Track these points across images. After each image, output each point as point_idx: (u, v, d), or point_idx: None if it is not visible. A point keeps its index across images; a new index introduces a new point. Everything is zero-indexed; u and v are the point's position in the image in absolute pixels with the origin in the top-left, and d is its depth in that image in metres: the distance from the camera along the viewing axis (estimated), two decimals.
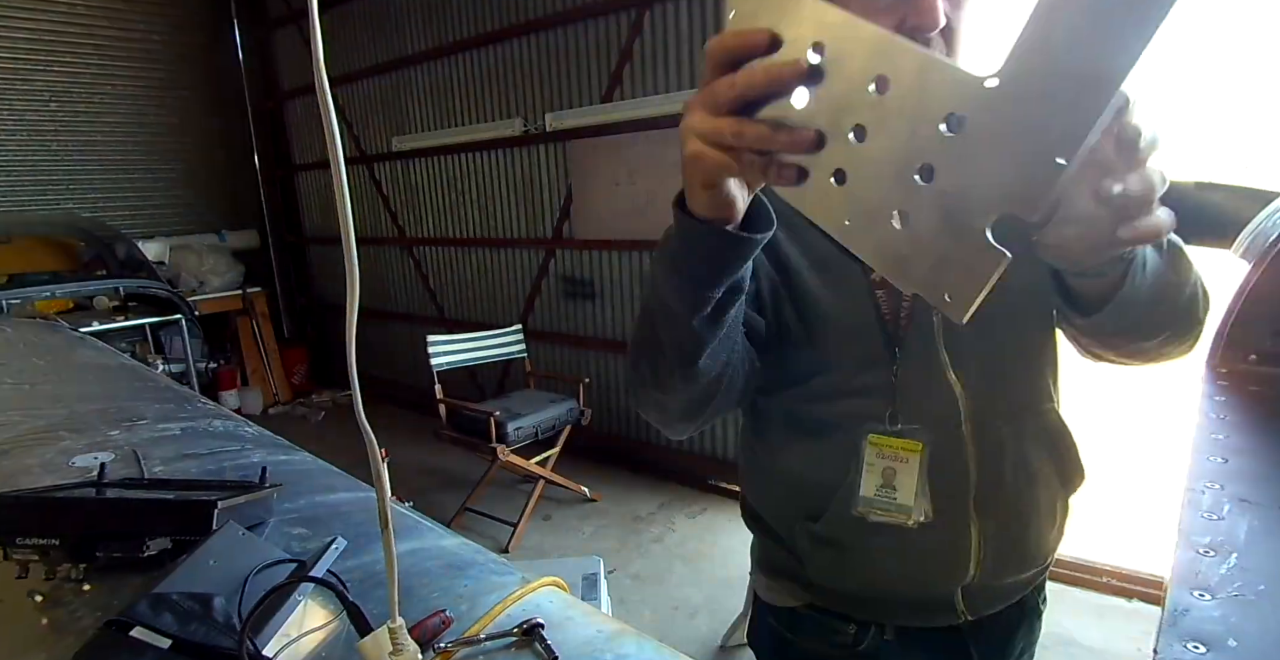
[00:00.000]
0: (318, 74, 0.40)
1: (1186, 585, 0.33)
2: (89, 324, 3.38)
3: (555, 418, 3.40)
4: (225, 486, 0.90)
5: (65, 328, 2.43)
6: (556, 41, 3.75)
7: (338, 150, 0.41)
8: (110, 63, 5.03)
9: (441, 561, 0.78)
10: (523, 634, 0.63)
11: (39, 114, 4.78)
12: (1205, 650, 0.30)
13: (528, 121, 4.01)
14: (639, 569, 2.91)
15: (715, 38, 0.43)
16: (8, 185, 4.71)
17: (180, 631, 0.58)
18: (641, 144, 3.51)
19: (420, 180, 4.79)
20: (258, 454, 1.13)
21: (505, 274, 4.42)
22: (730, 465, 3.57)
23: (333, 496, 0.95)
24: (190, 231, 5.48)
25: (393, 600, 0.55)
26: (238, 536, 0.74)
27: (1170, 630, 0.31)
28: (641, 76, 3.46)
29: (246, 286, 5.29)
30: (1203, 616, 0.31)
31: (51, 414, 1.30)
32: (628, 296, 3.79)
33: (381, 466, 0.53)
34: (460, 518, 3.35)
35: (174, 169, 5.46)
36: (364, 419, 0.50)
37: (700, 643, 2.44)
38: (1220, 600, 0.32)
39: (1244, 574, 0.33)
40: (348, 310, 0.45)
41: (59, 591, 0.71)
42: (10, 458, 1.09)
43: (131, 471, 1.01)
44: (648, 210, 3.56)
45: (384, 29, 4.66)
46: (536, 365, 4.18)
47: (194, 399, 1.55)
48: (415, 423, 4.72)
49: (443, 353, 3.45)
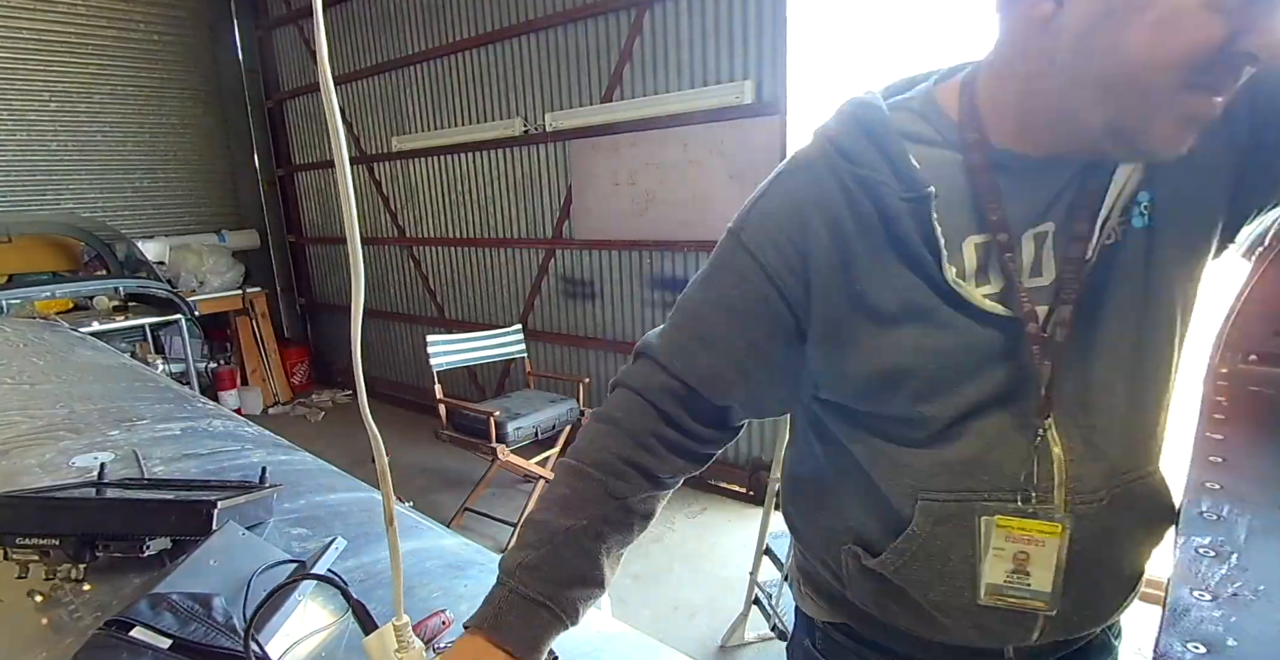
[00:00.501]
0: (323, 77, 0.40)
1: (1186, 585, 0.33)
2: (89, 324, 3.38)
3: (555, 418, 3.40)
4: (225, 486, 0.90)
5: (65, 328, 2.43)
6: (556, 41, 3.75)
7: (342, 150, 0.41)
8: (110, 63, 5.03)
9: (441, 561, 0.78)
10: None
11: (39, 114, 4.78)
12: (1205, 650, 0.29)
13: (528, 121, 4.01)
14: (638, 569, 2.91)
15: None
16: (8, 185, 4.71)
17: (180, 631, 0.58)
18: (641, 144, 3.51)
19: (420, 180, 4.79)
20: (258, 454, 1.13)
21: (505, 274, 4.42)
22: (730, 465, 3.58)
23: (333, 496, 0.95)
24: (190, 231, 5.47)
25: (398, 596, 0.55)
26: (238, 536, 0.74)
27: (1170, 630, 0.31)
28: (641, 76, 3.46)
29: (246, 286, 5.29)
30: (1203, 616, 0.31)
31: (51, 414, 1.30)
32: (628, 296, 3.79)
33: (385, 464, 0.53)
34: (460, 518, 3.35)
35: (174, 169, 5.46)
36: (369, 416, 0.50)
37: (700, 643, 2.44)
38: (1220, 600, 0.32)
39: (1244, 574, 0.33)
40: (352, 308, 0.45)
41: (59, 591, 0.71)
42: (10, 458, 1.09)
43: (131, 471, 1.01)
44: (648, 210, 3.57)
45: (384, 29, 4.65)
46: (536, 365, 4.18)
47: (194, 399, 1.55)
48: (415, 423, 4.72)
49: (443, 353, 3.44)
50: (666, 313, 3.36)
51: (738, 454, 3.55)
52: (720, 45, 3.15)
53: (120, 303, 3.82)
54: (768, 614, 2.21)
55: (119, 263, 4.45)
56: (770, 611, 2.18)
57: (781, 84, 2.98)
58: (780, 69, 2.97)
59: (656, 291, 3.64)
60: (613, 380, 0.77)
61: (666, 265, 3.57)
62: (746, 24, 3.05)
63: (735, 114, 3.14)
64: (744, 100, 3.08)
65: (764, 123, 3.06)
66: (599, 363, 4.02)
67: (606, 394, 0.77)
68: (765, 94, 3.05)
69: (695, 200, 3.37)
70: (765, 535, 2.22)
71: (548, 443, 3.49)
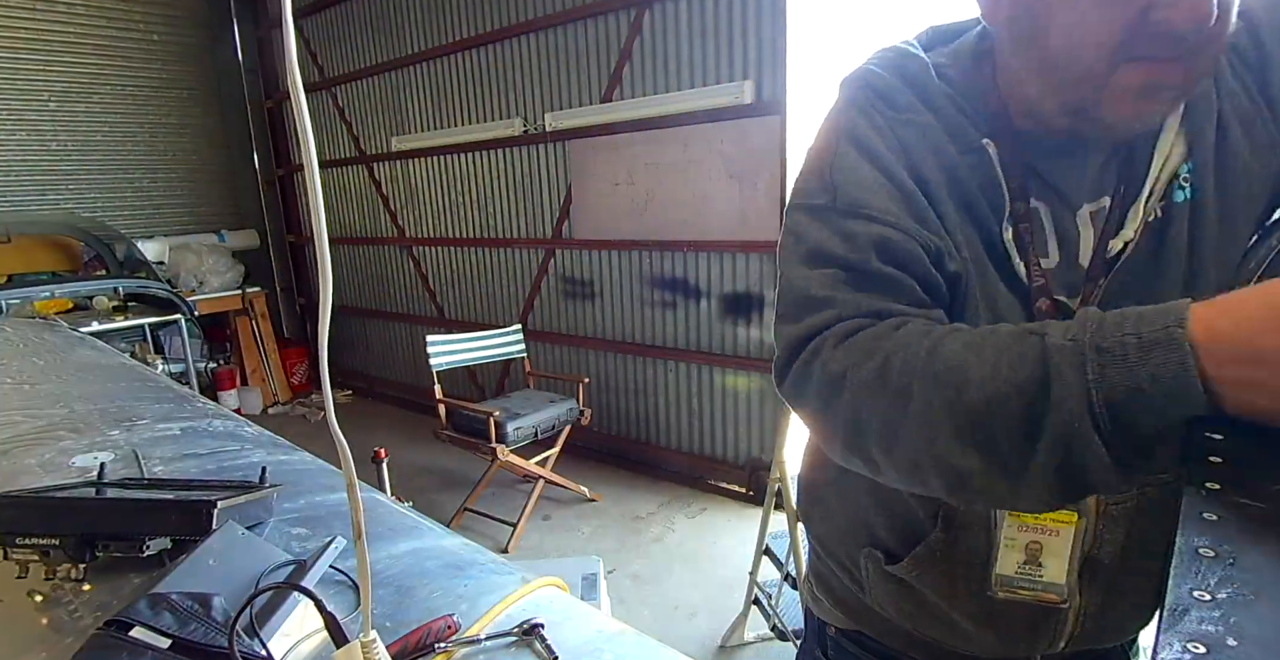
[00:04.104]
0: (293, 86, 0.40)
1: (1186, 585, 0.33)
2: (89, 324, 3.37)
3: (555, 418, 3.40)
4: (225, 486, 0.90)
5: (65, 328, 2.43)
6: (556, 41, 3.75)
7: (311, 158, 0.41)
8: (110, 62, 5.03)
9: (441, 561, 0.78)
10: (523, 634, 0.63)
11: (39, 114, 4.77)
12: (1205, 650, 0.29)
13: (527, 121, 4.01)
14: (638, 569, 2.91)
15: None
16: (7, 185, 4.71)
17: (180, 631, 0.58)
18: (641, 144, 3.51)
19: (420, 180, 4.79)
20: (258, 454, 1.13)
21: (505, 274, 4.42)
22: (730, 465, 3.58)
23: (332, 496, 0.95)
24: (190, 231, 5.47)
25: (367, 615, 0.55)
26: (237, 536, 0.74)
27: (1170, 630, 0.31)
28: (641, 76, 3.46)
29: (246, 286, 5.28)
30: (1203, 616, 0.31)
31: (51, 414, 1.30)
32: (628, 296, 3.79)
33: (354, 475, 0.53)
34: (460, 518, 3.35)
35: (174, 169, 5.46)
36: (336, 427, 0.50)
37: (700, 643, 2.44)
38: (1220, 600, 0.32)
39: (1244, 574, 0.33)
40: (320, 312, 0.45)
41: (59, 591, 0.71)
42: (10, 458, 1.09)
43: (131, 471, 1.02)
44: (647, 210, 3.57)
45: (384, 29, 4.65)
46: (536, 365, 4.18)
47: (194, 399, 1.55)
48: (415, 423, 4.73)
49: (442, 353, 3.45)
50: (666, 313, 3.33)
51: (738, 454, 3.55)
52: (720, 45, 3.15)
53: (120, 303, 3.82)
54: (767, 614, 2.21)
55: (119, 263, 4.45)
56: (770, 611, 2.18)
57: (781, 84, 2.98)
58: (780, 69, 2.97)
59: (656, 291, 3.64)
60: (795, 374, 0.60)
61: (666, 265, 3.57)
62: (746, 24, 3.05)
63: (735, 114, 3.14)
64: (744, 100, 3.08)
65: (764, 123, 3.06)
66: (599, 363, 4.02)
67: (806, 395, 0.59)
68: (765, 94, 3.05)
69: (695, 200, 3.37)
70: (765, 535, 2.22)
71: (547, 443, 3.49)
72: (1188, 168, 0.61)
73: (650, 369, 3.78)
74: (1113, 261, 0.62)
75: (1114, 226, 0.62)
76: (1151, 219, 0.61)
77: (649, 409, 3.85)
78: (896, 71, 0.65)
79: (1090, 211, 0.63)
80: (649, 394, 3.83)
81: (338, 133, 5.25)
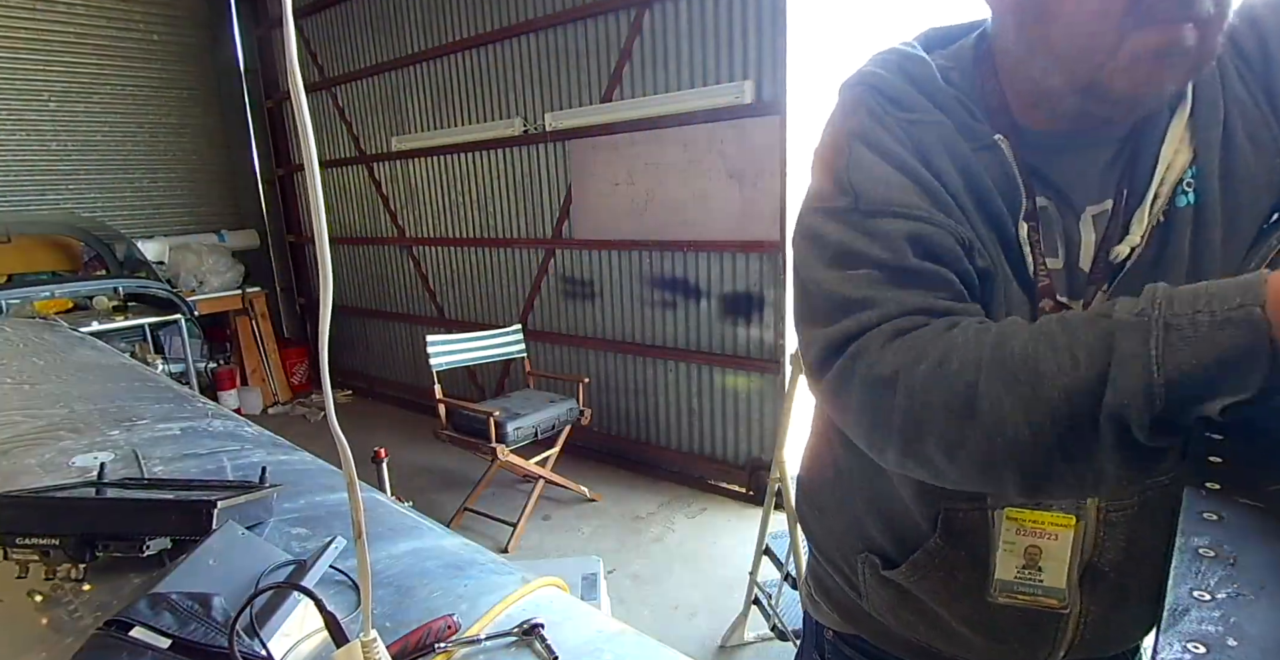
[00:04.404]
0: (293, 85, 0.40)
1: (1186, 585, 0.33)
2: (89, 324, 3.37)
3: (555, 418, 3.40)
4: (225, 486, 0.90)
5: (65, 328, 2.43)
6: (556, 41, 3.75)
7: (312, 157, 0.41)
8: (110, 62, 5.03)
9: (441, 561, 0.78)
10: (523, 634, 0.63)
11: (39, 114, 4.77)
12: (1205, 650, 0.29)
13: (527, 121, 4.01)
14: (638, 569, 2.91)
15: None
16: (7, 185, 4.71)
17: (180, 631, 0.58)
18: (641, 144, 3.51)
19: (420, 180, 4.79)
20: (258, 454, 1.13)
21: (505, 274, 4.42)
22: (730, 465, 3.58)
23: (332, 496, 0.95)
24: (190, 231, 5.47)
25: (367, 615, 0.55)
26: (237, 536, 0.74)
27: (1170, 630, 0.31)
28: (641, 76, 3.45)
29: (246, 286, 5.29)
30: (1203, 616, 0.31)
31: (51, 414, 1.30)
32: (627, 296, 3.79)
33: (354, 474, 0.53)
34: (460, 518, 3.35)
35: (174, 169, 5.46)
36: (336, 426, 0.50)
37: (700, 643, 2.44)
38: (1220, 600, 0.32)
39: (1244, 574, 0.33)
40: (321, 315, 0.45)
41: (59, 591, 0.71)
42: (10, 458, 1.09)
43: (131, 471, 1.01)
44: (647, 210, 3.57)
45: (384, 29, 4.65)
46: (536, 365, 4.18)
47: (194, 399, 1.55)
48: (415, 423, 4.73)
49: (442, 353, 3.44)
50: (666, 313, 3.32)
51: (738, 454, 3.55)
52: (720, 45, 3.15)
53: (120, 303, 3.82)
54: (767, 614, 2.21)
55: (118, 263, 4.45)
56: (770, 611, 2.18)
57: (781, 84, 2.98)
58: (780, 69, 2.97)
59: (656, 291, 3.64)
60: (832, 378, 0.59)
61: (666, 265, 3.57)
62: (746, 24, 3.05)
63: (735, 114, 3.14)
64: (744, 100, 3.08)
65: (764, 123, 3.06)
66: (599, 363, 4.02)
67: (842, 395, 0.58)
68: (765, 94, 3.05)
69: (695, 200, 3.37)
70: (765, 535, 2.22)
71: (547, 443, 3.49)
72: (1192, 172, 0.60)
73: (650, 369, 3.78)
74: (1118, 267, 0.61)
75: (1117, 230, 0.62)
76: (1154, 224, 0.61)
77: (649, 409, 3.85)
78: (900, 73, 0.64)
79: (1093, 214, 0.63)
80: (649, 394, 3.83)
81: (338, 133, 5.25)
